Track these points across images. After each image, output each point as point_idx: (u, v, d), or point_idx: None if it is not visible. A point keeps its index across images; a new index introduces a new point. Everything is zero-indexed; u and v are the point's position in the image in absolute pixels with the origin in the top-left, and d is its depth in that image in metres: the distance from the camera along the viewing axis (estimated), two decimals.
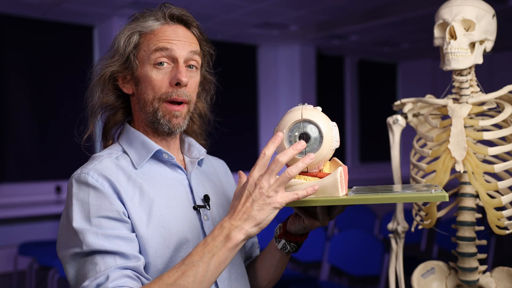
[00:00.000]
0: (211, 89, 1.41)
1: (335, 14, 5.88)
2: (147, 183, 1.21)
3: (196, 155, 1.33)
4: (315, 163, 1.10)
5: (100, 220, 1.10)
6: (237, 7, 5.45)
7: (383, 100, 8.30)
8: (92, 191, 1.13)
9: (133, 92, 1.26)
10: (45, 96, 5.82)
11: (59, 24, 5.89)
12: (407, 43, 7.55)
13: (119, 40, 1.24)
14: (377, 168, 8.59)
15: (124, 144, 1.27)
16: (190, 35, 1.26)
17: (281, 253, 1.32)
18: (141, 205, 1.17)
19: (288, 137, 1.10)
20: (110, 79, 1.26)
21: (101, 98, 1.27)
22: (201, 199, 1.27)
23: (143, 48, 1.23)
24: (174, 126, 1.23)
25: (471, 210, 1.60)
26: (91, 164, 1.19)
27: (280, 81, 7.58)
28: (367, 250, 3.52)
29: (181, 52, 1.22)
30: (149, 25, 1.24)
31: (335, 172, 1.07)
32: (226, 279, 1.25)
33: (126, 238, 1.10)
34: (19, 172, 5.73)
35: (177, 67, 1.21)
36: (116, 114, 1.31)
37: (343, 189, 1.09)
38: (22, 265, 5.14)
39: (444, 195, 1.01)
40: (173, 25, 1.25)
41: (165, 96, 1.21)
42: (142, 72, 1.23)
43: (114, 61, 1.25)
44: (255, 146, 7.60)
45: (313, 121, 1.09)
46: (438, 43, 1.62)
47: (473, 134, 1.55)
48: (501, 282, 1.60)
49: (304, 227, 1.22)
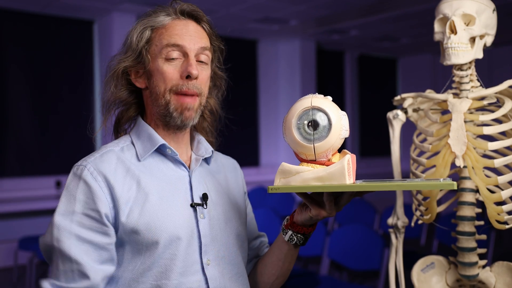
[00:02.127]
0: (222, 85, 1.42)
1: (335, 8, 5.87)
2: (146, 176, 1.22)
3: (202, 153, 1.34)
4: (323, 151, 1.10)
5: (81, 217, 1.15)
6: (237, 1, 5.44)
7: (383, 95, 8.30)
8: (83, 186, 1.17)
9: (145, 86, 1.28)
10: (45, 91, 5.81)
11: (59, 19, 5.88)
12: (407, 38, 7.54)
13: (132, 36, 1.27)
14: (377, 163, 8.59)
15: (133, 136, 1.30)
16: (200, 31, 1.28)
17: (288, 245, 1.31)
18: (136, 198, 1.19)
19: (297, 124, 1.10)
20: (123, 74, 1.29)
21: (115, 93, 1.29)
22: (199, 197, 1.27)
23: (154, 42, 1.25)
24: (186, 118, 1.25)
25: (471, 205, 1.60)
26: (92, 157, 1.23)
27: (280, 76, 7.57)
28: (367, 245, 3.52)
29: (192, 47, 1.24)
30: (161, 20, 1.26)
31: (342, 160, 1.07)
32: (218, 278, 1.24)
33: (97, 244, 1.15)
34: (19, 166, 5.73)
35: (187, 61, 1.23)
36: (129, 110, 1.33)
37: (350, 177, 1.08)
38: (22, 259, 5.15)
39: (453, 183, 1.00)
40: (183, 20, 1.27)
41: (175, 88, 1.23)
42: (154, 65, 1.25)
43: (127, 57, 1.27)
44: (255, 141, 7.60)
45: (322, 109, 1.09)
46: (438, 38, 1.62)
47: (473, 129, 1.55)
48: (501, 276, 1.60)
49: (310, 218, 1.21)
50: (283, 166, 1.13)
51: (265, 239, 1.51)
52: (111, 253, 1.18)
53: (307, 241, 1.30)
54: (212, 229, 1.26)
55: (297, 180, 1.11)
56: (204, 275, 1.22)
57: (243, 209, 1.42)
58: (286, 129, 1.12)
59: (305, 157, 1.13)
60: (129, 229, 1.17)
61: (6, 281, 5.10)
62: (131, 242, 1.18)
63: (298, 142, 1.11)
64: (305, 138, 1.10)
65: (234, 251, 1.31)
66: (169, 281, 1.18)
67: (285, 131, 1.13)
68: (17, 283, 4.97)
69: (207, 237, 1.24)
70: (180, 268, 1.19)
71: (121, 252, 1.19)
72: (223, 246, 1.28)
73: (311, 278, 3.58)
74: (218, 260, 1.26)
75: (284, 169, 1.12)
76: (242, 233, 1.36)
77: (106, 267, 1.17)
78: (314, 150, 1.10)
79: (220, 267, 1.25)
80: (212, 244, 1.25)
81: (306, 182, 1.10)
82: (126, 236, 1.17)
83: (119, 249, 1.19)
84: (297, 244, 1.29)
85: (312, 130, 1.09)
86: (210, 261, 1.24)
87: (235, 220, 1.34)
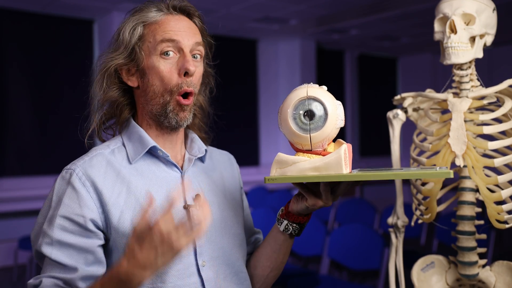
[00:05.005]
0: (211, 82, 1.40)
1: (335, 8, 5.87)
2: (137, 180, 1.21)
3: (196, 152, 1.32)
4: (320, 141, 1.09)
5: (64, 221, 1.14)
6: (237, 1, 5.44)
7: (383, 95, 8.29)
8: (69, 190, 1.16)
9: (138, 85, 1.25)
10: (45, 90, 5.81)
11: (59, 18, 5.88)
12: (407, 37, 7.54)
13: (124, 32, 1.23)
14: (377, 162, 8.59)
15: (124, 137, 1.27)
16: (193, 26, 1.26)
17: (283, 235, 1.29)
18: (126, 202, 1.17)
19: (293, 114, 1.09)
20: (115, 73, 1.25)
21: (106, 93, 1.26)
22: (192, 198, 1.25)
23: (148, 39, 1.22)
24: (181, 119, 1.22)
25: (471, 204, 1.60)
26: (82, 160, 1.21)
27: (280, 76, 7.57)
28: (367, 245, 3.52)
29: (187, 43, 1.21)
30: (153, 16, 1.23)
31: (339, 149, 1.06)
32: (213, 279, 1.23)
33: (79, 247, 1.14)
34: (19, 166, 5.73)
35: (184, 57, 1.21)
36: (123, 112, 1.29)
37: (347, 167, 1.07)
38: (22, 259, 5.15)
39: (449, 172, 0.99)
40: (176, 16, 1.24)
41: (176, 89, 1.20)
42: (148, 63, 1.22)
43: (119, 54, 1.24)
44: (255, 140, 7.60)
45: (318, 99, 1.08)
46: (438, 37, 1.62)
47: (473, 128, 1.54)
48: (501, 276, 1.60)
49: (307, 207, 1.20)
50: (279, 156, 1.12)
51: (260, 236, 1.50)
52: (96, 256, 1.16)
53: (302, 231, 1.29)
54: (206, 230, 1.23)
55: (294, 170, 1.10)
56: (200, 276, 1.21)
57: (239, 207, 1.40)
58: (282, 120, 1.12)
59: (301, 147, 1.12)
60: (121, 233, 1.15)
61: (6, 281, 5.10)
62: (124, 245, 1.16)
63: (294, 132, 1.10)
64: (301, 128, 1.09)
65: (230, 250, 1.29)
66: (164, 284, 1.16)
67: (281, 122, 1.12)
68: (17, 282, 4.97)
69: (201, 239, 1.23)
70: (176, 271, 1.18)
71: (116, 256, 1.18)
72: (218, 246, 1.26)
73: (311, 278, 3.58)
74: (213, 260, 1.24)
75: (280, 159, 1.12)
76: (239, 231, 1.34)
77: (94, 268, 1.15)
78: (311, 140, 1.09)
79: (215, 267, 1.24)
80: (207, 246, 1.24)
81: (302, 172, 1.09)
82: (120, 239, 1.16)
83: (113, 253, 1.18)
84: (292, 234, 1.28)
85: (308, 120, 1.09)
86: (205, 262, 1.22)
87: (231, 219, 1.33)
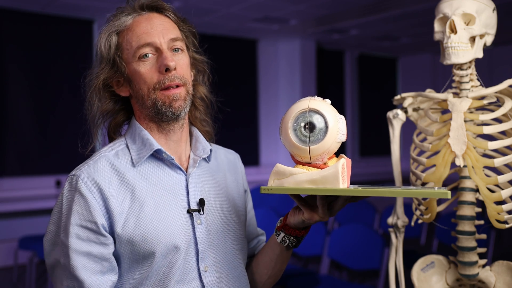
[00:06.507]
0: (206, 69, 1.38)
1: (335, 8, 5.87)
2: (141, 184, 1.20)
3: (200, 152, 1.30)
4: (319, 154, 1.09)
5: (78, 229, 1.14)
6: (237, 1, 5.44)
7: (383, 95, 8.30)
8: (78, 197, 1.15)
9: (129, 93, 1.26)
10: (45, 91, 5.81)
11: (59, 18, 5.88)
12: (407, 37, 7.53)
13: (100, 46, 1.24)
14: (377, 162, 8.59)
15: (128, 139, 1.26)
16: (166, 21, 1.25)
17: (280, 247, 1.28)
18: (131, 208, 1.17)
19: (293, 126, 1.09)
20: (104, 87, 1.25)
21: (100, 107, 1.26)
22: (196, 203, 1.24)
23: (125, 47, 1.22)
24: (176, 109, 1.21)
25: (471, 204, 1.60)
26: (86, 164, 1.20)
27: (280, 76, 7.57)
28: (367, 245, 3.52)
29: (162, 41, 1.21)
30: (123, 22, 1.23)
31: (337, 164, 1.06)
32: (216, 284, 1.23)
33: (96, 256, 1.14)
34: (19, 166, 5.73)
35: (161, 54, 1.20)
36: (117, 117, 1.30)
37: (344, 181, 1.07)
38: (22, 259, 5.15)
39: (446, 192, 0.99)
40: (145, 15, 1.23)
41: (158, 85, 1.19)
42: (130, 70, 1.22)
43: (102, 68, 1.24)
44: (255, 140, 7.59)
45: (319, 111, 1.08)
46: (438, 37, 1.62)
47: (473, 128, 1.55)
48: (501, 276, 1.60)
49: (303, 221, 1.19)
50: (277, 167, 1.11)
51: (264, 238, 1.49)
52: (111, 263, 1.16)
53: (300, 244, 1.27)
54: (209, 235, 1.24)
55: (291, 182, 1.09)
56: (201, 281, 1.21)
57: (242, 210, 1.39)
58: (283, 131, 1.11)
59: (301, 159, 1.11)
60: (125, 240, 1.15)
61: (6, 281, 5.10)
62: (127, 253, 1.16)
63: (294, 144, 1.09)
64: (301, 140, 1.09)
65: (232, 254, 1.29)
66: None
67: (282, 133, 1.12)
68: (17, 282, 4.97)
69: (204, 244, 1.22)
70: (178, 276, 1.18)
71: (119, 262, 1.18)
72: (221, 250, 1.26)
73: (311, 278, 3.58)
74: (215, 265, 1.24)
75: (278, 170, 1.11)
76: (241, 235, 1.34)
77: (109, 277, 1.16)
78: (310, 153, 1.09)
79: (218, 272, 1.24)
80: (209, 250, 1.23)
81: (299, 184, 1.08)
82: (123, 247, 1.16)
83: (117, 260, 1.18)
84: (289, 246, 1.27)
85: (308, 133, 1.08)
86: (208, 267, 1.22)
87: (233, 222, 1.32)
